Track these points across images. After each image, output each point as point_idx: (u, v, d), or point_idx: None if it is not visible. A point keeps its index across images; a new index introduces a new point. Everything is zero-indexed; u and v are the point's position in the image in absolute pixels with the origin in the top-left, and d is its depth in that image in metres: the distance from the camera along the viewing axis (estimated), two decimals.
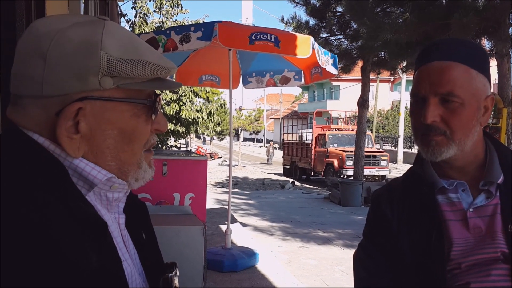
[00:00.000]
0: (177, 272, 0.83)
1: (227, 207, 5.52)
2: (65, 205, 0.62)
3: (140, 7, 16.04)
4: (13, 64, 0.69)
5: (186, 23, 14.81)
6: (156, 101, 0.74)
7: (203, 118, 17.25)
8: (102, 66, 0.65)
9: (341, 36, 11.14)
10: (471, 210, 1.08)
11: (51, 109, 0.66)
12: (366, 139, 13.15)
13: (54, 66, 0.64)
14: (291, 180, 17.12)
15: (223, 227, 6.16)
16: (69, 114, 0.65)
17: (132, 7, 16.07)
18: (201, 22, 13.93)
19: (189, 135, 22.38)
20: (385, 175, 15.40)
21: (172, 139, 19.54)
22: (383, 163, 15.53)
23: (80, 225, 0.62)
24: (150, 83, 0.72)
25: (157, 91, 0.76)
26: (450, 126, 1.04)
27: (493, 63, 7.13)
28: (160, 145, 15.72)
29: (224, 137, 39.33)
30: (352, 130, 16.76)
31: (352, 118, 23.41)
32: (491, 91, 1.10)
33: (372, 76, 12.36)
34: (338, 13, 10.98)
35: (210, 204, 9.01)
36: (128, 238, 0.78)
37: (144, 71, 0.69)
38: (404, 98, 26.44)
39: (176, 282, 0.81)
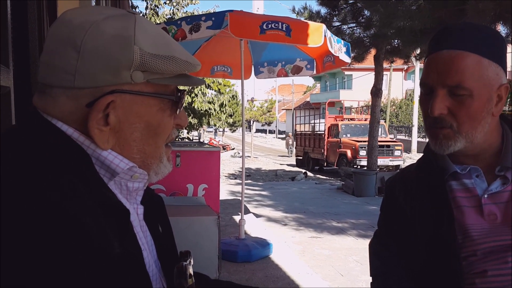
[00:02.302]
0: (191, 261, 0.83)
1: (240, 198, 5.53)
2: (89, 191, 0.63)
3: None
4: (42, 53, 0.69)
5: (196, 14, 14.81)
6: (182, 97, 0.76)
7: (215, 109, 17.31)
8: (135, 61, 0.66)
9: (354, 25, 11.00)
10: (485, 196, 1.05)
11: (82, 101, 0.66)
12: (380, 129, 13.02)
13: (88, 58, 0.64)
14: (303, 171, 17.10)
15: (237, 218, 6.18)
16: (100, 107, 0.66)
17: None
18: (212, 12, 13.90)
19: (202, 127, 22.49)
20: (399, 165, 15.27)
21: (185, 131, 19.63)
22: (397, 152, 15.41)
23: (104, 212, 0.62)
24: (177, 78, 0.73)
25: (180, 87, 0.77)
26: (457, 118, 1.01)
27: (508, 49, 6.97)
28: None
29: (236, 129, 39.40)
30: (365, 120, 16.63)
31: (365, 107, 23.24)
32: (507, 78, 1.06)
33: (385, 65, 12.21)
34: (351, 1, 10.83)
35: (224, 195, 9.05)
36: (146, 229, 0.80)
37: (174, 67, 0.70)
38: (418, 87, 26.05)
39: (191, 270, 0.81)
